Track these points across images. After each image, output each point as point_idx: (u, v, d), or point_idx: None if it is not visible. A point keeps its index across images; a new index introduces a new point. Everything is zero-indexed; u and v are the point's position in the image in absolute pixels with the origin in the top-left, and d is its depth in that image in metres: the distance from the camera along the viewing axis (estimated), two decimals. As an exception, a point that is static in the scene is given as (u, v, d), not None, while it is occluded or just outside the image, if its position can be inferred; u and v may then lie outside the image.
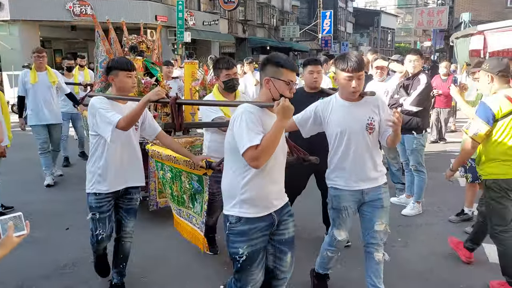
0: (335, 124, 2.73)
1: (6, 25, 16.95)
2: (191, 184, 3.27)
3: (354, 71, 2.61)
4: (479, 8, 20.88)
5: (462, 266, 3.55)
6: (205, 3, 24.74)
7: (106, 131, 2.71)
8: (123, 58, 3.04)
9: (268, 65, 2.23)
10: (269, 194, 2.27)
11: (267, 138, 2.08)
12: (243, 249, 2.23)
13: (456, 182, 5.83)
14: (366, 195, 2.77)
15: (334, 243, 2.91)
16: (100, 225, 2.95)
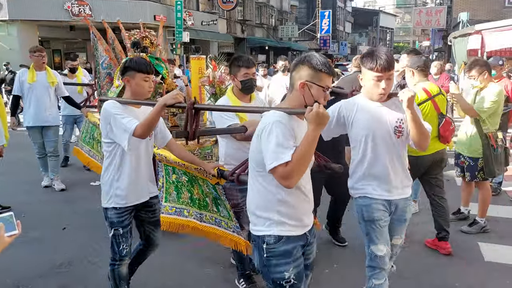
0: (361, 126, 2.47)
1: (5, 25, 16.93)
2: (210, 189, 3.01)
3: (384, 70, 2.31)
4: (477, 8, 20.89)
5: (458, 265, 3.56)
6: (203, 3, 24.73)
7: (123, 139, 2.48)
8: (142, 59, 2.76)
9: (305, 67, 1.93)
10: (304, 210, 2.04)
11: (299, 152, 1.81)
12: (289, 272, 1.96)
13: (452, 181, 5.84)
14: (394, 206, 2.53)
15: (375, 262, 2.52)
16: (123, 240, 2.71)
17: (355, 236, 4.02)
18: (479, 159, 3.98)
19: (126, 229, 2.70)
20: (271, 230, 1.96)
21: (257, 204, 2.01)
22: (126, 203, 2.67)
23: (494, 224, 4.32)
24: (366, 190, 2.52)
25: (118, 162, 2.64)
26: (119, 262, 2.76)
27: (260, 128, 1.92)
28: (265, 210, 1.97)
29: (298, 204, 1.99)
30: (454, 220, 4.42)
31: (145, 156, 2.73)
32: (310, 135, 1.81)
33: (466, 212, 4.45)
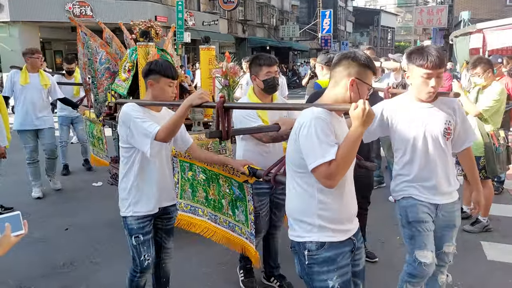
0: (408, 128, 2.37)
1: (6, 26, 16.96)
2: (231, 190, 2.83)
3: (435, 67, 2.21)
4: (479, 7, 20.87)
5: (460, 264, 3.54)
6: (204, 3, 24.75)
7: (144, 144, 2.33)
8: (168, 62, 2.61)
9: (354, 63, 1.84)
10: (348, 214, 1.93)
11: (343, 150, 1.72)
12: (333, 280, 1.85)
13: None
14: (440, 210, 2.41)
15: (419, 270, 2.40)
16: (145, 249, 2.54)
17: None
18: (481, 157, 3.97)
19: (148, 236, 2.54)
20: (312, 236, 1.86)
21: (296, 209, 1.91)
22: (145, 212, 2.52)
23: (496, 223, 4.31)
24: (411, 191, 2.42)
25: (138, 168, 2.49)
26: (140, 274, 2.59)
27: (298, 126, 1.82)
28: (305, 214, 1.87)
29: (341, 207, 1.88)
30: (457, 219, 4.41)
31: (166, 160, 2.62)
32: (354, 133, 1.71)
33: (468, 211, 4.43)
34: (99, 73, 4.63)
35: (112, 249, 3.84)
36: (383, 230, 4.20)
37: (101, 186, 5.63)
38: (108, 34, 4.70)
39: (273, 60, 2.90)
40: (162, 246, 2.74)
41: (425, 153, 2.35)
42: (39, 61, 5.40)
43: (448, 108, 2.37)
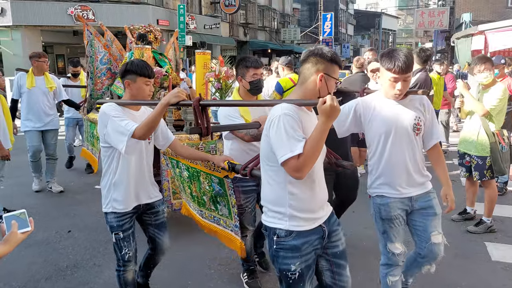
0: (378, 124, 2.48)
1: (9, 30, 17.05)
2: (211, 186, 2.90)
3: (401, 72, 2.33)
4: (480, 8, 20.88)
5: (463, 265, 3.54)
6: (206, 7, 24.82)
7: (120, 142, 2.38)
8: (143, 62, 2.69)
9: (321, 60, 1.94)
10: (318, 203, 2.05)
11: (310, 144, 1.81)
12: (295, 265, 2.00)
13: (458, 182, 5.81)
14: (415, 202, 2.53)
15: (392, 260, 2.59)
16: (125, 244, 2.64)
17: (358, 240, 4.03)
18: (487, 157, 3.96)
19: (127, 233, 2.63)
20: (282, 224, 1.98)
21: (269, 199, 2.03)
22: (124, 208, 2.60)
23: (500, 224, 4.30)
24: (384, 189, 2.53)
25: (116, 167, 2.57)
26: (123, 268, 2.69)
27: (268, 122, 1.92)
28: (277, 204, 1.99)
29: (311, 197, 1.99)
30: (461, 220, 4.40)
31: (145, 159, 2.67)
32: (321, 127, 1.80)
33: (472, 212, 4.43)
34: (99, 71, 4.76)
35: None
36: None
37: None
38: (109, 36, 4.87)
39: (259, 63, 3.01)
40: (156, 241, 2.80)
41: (396, 148, 2.46)
42: (45, 64, 5.51)
43: (418, 105, 2.49)
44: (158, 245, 2.82)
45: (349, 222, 4.48)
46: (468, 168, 4.17)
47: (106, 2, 18.21)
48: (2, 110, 4.61)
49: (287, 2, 36.66)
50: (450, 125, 8.99)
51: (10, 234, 1.61)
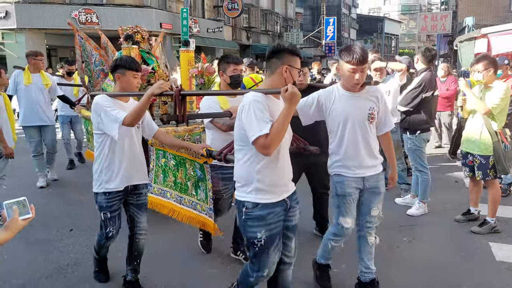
0: (338, 113, 2.79)
1: (13, 33, 17.14)
2: (195, 172, 3.30)
3: (358, 63, 2.65)
4: (483, 12, 20.87)
5: (467, 265, 3.50)
6: (209, 11, 24.90)
7: (113, 129, 2.70)
8: (131, 57, 3.03)
9: (285, 53, 2.26)
10: (282, 179, 2.34)
11: (276, 125, 2.12)
12: (261, 233, 2.28)
13: (461, 182, 5.78)
14: (366, 182, 2.86)
15: (340, 231, 2.93)
16: (111, 223, 2.96)
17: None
18: (490, 156, 3.93)
19: (114, 214, 2.95)
20: (250, 197, 2.28)
21: (240, 175, 2.33)
22: (114, 188, 2.89)
23: (504, 224, 4.26)
24: (341, 170, 2.86)
25: (107, 152, 2.87)
26: (105, 240, 3.05)
27: (241, 107, 2.23)
28: (246, 180, 2.29)
29: (276, 174, 2.29)
30: (464, 220, 4.36)
31: (133, 145, 2.95)
32: (285, 111, 2.12)
33: (476, 212, 4.39)
34: (95, 73, 5.08)
35: (115, 250, 3.82)
36: (389, 231, 4.16)
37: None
38: (105, 40, 5.23)
39: (239, 60, 3.42)
40: (135, 220, 3.09)
41: (352, 134, 2.79)
42: (41, 63, 5.80)
43: (373, 97, 2.83)
44: (136, 223, 3.09)
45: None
46: (471, 167, 4.14)
47: (110, 6, 18.29)
48: (5, 109, 4.62)
49: (290, 6, 36.77)
50: (453, 127, 8.90)
51: (11, 221, 1.61)
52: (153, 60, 4.87)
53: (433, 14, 28.78)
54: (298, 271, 2.92)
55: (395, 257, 3.67)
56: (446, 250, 3.79)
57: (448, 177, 6.11)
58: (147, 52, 4.95)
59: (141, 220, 3.10)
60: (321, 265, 3.16)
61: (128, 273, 3.16)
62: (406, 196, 5.00)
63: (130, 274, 3.15)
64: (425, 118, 4.50)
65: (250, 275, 2.42)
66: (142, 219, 3.10)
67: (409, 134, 4.56)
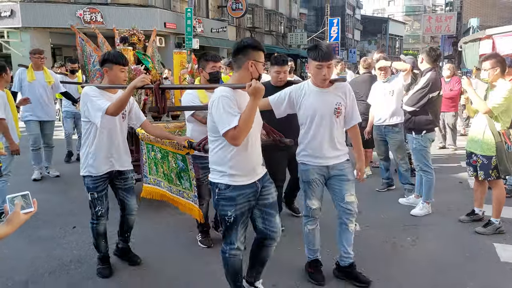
0: (307, 107, 3.02)
1: (18, 32, 17.21)
2: (176, 163, 3.60)
3: (324, 60, 2.86)
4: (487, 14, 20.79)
5: (471, 266, 3.48)
6: (213, 11, 24.93)
7: (96, 117, 2.95)
8: (118, 52, 3.27)
9: (250, 49, 2.49)
10: (252, 165, 2.59)
11: (244, 118, 2.34)
12: (231, 211, 2.56)
13: (465, 183, 5.75)
14: (331, 170, 3.08)
15: (309, 213, 3.17)
16: (99, 203, 3.23)
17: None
18: (493, 157, 3.90)
19: (101, 194, 3.22)
20: (222, 179, 2.55)
21: (213, 160, 2.60)
22: (98, 173, 3.16)
23: (509, 225, 4.23)
24: (306, 159, 3.10)
25: (92, 138, 3.13)
26: (96, 221, 3.28)
27: (211, 103, 2.47)
28: (219, 165, 2.56)
29: (246, 160, 2.54)
30: (468, 221, 4.33)
31: (119, 134, 3.23)
32: (251, 104, 2.35)
33: (480, 213, 4.36)
34: (92, 73, 5.30)
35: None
36: (392, 231, 4.14)
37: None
38: (101, 39, 5.45)
39: (218, 57, 3.70)
40: (125, 202, 3.39)
41: (319, 127, 3.00)
42: (39, 61, 6.01)
43: (341, 92, 3.02)
44: (127, 206, 3.40)
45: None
46: (475, 167, 4.11)
47: (115, 5, 18.33)
48: (10, 106, 4.63)
49: (294, 6, 36.75)
50: (457, 128, 8.88)
51: (13, 214, 1.61)
52: (148, 61, 5.18)
53: (437, 15, 28.66)
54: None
55: (398, 257, 3.65)
56: (450, 250, 3.77)
57: (452, 178, 6.08)
58: (143, 53, 5.26)
59: (131, 202, 3.41)
60: (311, 262, 3.27)
61: (120, 242, 3.56)
62: (410, 196, 4.98)
63: (122, 243, 3.55)
64: (431, 118, 4.47)
65: (225, 250, 2.69)
66: (131, 201, 3.40)
67: (415, 134, 4.54)
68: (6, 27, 17.14)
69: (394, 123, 5.13)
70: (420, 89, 4.42)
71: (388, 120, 5.16)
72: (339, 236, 3.18)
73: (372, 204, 5.01)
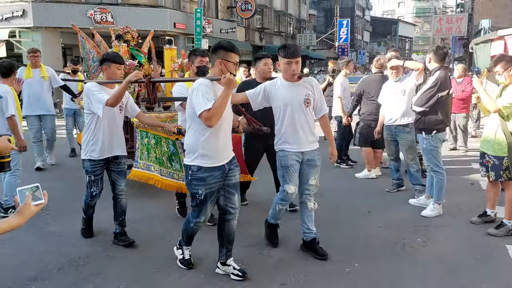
0: (280, 99, 3.43)
1: (29, 32, 17.36)
2: (168, 148, 4.25)
3: (293, 57, 3.30)
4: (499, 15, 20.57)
5: (483, 267, 3.42)
6: (222, 11, 24.96)
7: (98, 108, 3.43)
8: (116, 53, 3.88)
9: (220, 50, 2.94)
10: (222, 149, 2.99)
11: (217, 103, 2.78)
12: (202, 190, 2.97)
13: (476, 184, 5.67)
14: (305, 155, 3.46)
15: (285, 197, 3.51)
16: (94, 184, 3.73)
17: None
18: (504, 158, 3.84)
19: (97, 177, 3.71)
20: (195, 161, 2.95)
21: (189, 144, 2.98)
22: (98, 157, 3.63)
23: (522, 227, 4.15)
24: (283, 146, 3.47)
25: (93, 128, 3.61)
26: (90, 199, 3.81)
27: (191, 90, 2.91)
28: (193, 148, 2.95)
29: (217, 144, 2.95)
30: (480, 222, 4.27)
31: (116, 124, 3.69)
32: (224, 93, 2.82)
33: (492, 214, 4.29)
34: (92, 68, 5.71)
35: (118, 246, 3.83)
36: (403, 232, 4.09)
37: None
38: (98, 38, 5.89)
39: (205, 52, 4.07)
40: (115, 183, 3.81)
41: (291, 117, 3.40)
42: (33, 59, 6.45)
43: (308, 85, 3.45)
44: (117, 186, 3.81)
45: (364, 222, 4.40)
46: (487, 168, 4.05)
47: (125, 5, 18.43)
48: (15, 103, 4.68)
49: (303, 8, 36.72)
50: (468, 130, 8.76)
51: (23, 206, 1.60)
52: (141, 57, 5.73)
53: (448, 16, 28.42)
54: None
55: (408, 257, 3.60)
56: (461, 252, 3.71)
57: (463, 179, 6.01)
58: (137, 49, 5.78)
59: (121, 184, 3.83)
60: (271, 224, 3.75)
61: (116, 227, 3.85)
62: (421, 197, 4.92)
63: (118, 227, 3.85)
64: (441, 118, 4.41)
65: (191, 221, 3.14)
66: (121, 182, 3.83)
67: (425, 134, 4.48)
68: (18, 26, 17.29)
69: (405, 123, 5.08)
70: (428, 88, 4.35)
71: (399, 120, 5.11)
72: (301, 215, 3.62)
73: (382, 204, 4.96)
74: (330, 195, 5.28)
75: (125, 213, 3.86)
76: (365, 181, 6.03)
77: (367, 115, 5.96)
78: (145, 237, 3.96)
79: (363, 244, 3.85)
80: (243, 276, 3.14)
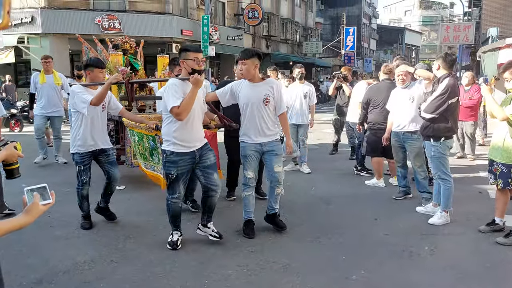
0: (243, 98, 3.94)
1: (38, 38, 17.56)
2: (149, 143, 4.79)
3: (241, 59, 3.90)
4: (507, 23, 20.49)
5: (492, 276, 3.37)
6: (229, 18, 25.11)
7: (83, 108, 3.94)
8: (98, 58, 4.51)
9: (181, 53, 3.53)
10: (191, 138, 3.57)
11: (185, 100, 3.35)
12: (174, 171, 3.57)
13: (484, 193, 5.61)
14: (264, 146, 3.98)
15: (246, 181, 4.05)
16: (83, 173, 4.18)
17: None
18: (512, 165, 3.80)
19: (86, 167, 4.17)
20: (168, 147, 3.57)
21: (164, 133, 3.59)
22: (84, 150, 4.11)
23: (531, 236, 4.09)
24: (244, 138, 4.00)
25: (79, 124, 4.10)
26: (81, 187, 4.21)
27: (163, 88, 3.56)
28: (167, 135, 3.57)
29: (186, 134, 3.54)
30: (489, 231, 4.21)
31: (99, 121, 4.18)
32: (192, 91, 3.38)
33: (501, 223, 4.23)
34: None
35: (132, 248, 3.82)
36: (410, 239, 4.05)
37: (123, 189, 5.63)
38: (99, 47, 6.60)
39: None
40: (109, 172, 4.27)
41: (251, 113, 3.90)
42: (45, 65, 7.13)
43: (269, 86, 3.93)
44: (111, 175, 4.28)
45: (371, 229, 4.36)
46: (496, 175, 4.00)
47: (133, 12, 18.61)
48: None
49: (310, 16, 36.83)
50: (476, 138, 8.67)
51: (31, 205, 1.61)
52: (138, 64, 6.38)
53: (455, 24, 28.33)
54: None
55: (416, 265, 3.55)
56: (470, 260, 3.66)
57: (471, 188, 5.94)
58: (135, 58, 6.40)
59: (115, 172, 4.28)
60: (246, 221, 4.12)
61: (101, 202, 4.42)
62: (428, 204, 4.87)
63: (103, 203, 4.41)
64: (451, 125, 4.38)
65: (168, 199, 3.69)
66: (115, 171, 4.28)
67: (433, 141, 4.43)
68: (27, 33, 17.51)
69: (413, 129, 5.04)
70: (439, 95, 4.32)
71: (408, 126, 5.08)
72: (269, 194, 4.18)
73: (389, 212, 4.92)
74: (337, 201, 5.24)
75: (111, 194, 4.39)
76: (372, 188, 5.98)
77: (373, 124, 5.87)
78: (151, 242, 3.96)
79: (369, 251, 3.81)
80: (220, 237, 3.79)
